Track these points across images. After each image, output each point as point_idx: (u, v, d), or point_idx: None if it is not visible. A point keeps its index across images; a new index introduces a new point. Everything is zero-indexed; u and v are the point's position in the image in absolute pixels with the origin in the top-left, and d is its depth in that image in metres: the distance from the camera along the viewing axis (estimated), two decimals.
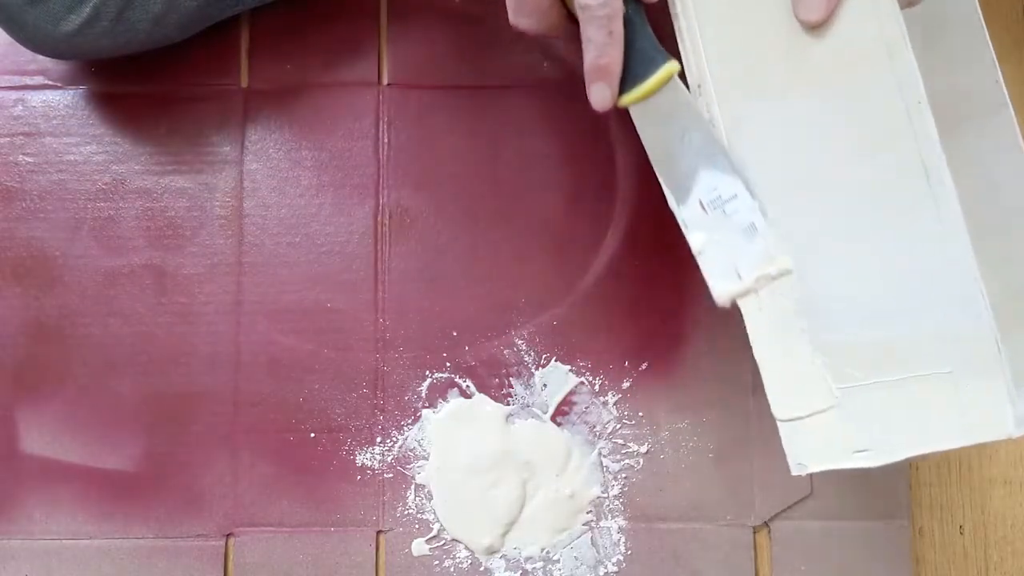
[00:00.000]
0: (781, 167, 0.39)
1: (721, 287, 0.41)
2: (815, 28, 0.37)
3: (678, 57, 0.42)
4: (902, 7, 0.36)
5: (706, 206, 0.41)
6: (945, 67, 0.41)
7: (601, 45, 0.40)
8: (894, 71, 0.35)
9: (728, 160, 0.41)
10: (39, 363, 0.54)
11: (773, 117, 0.39)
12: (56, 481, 0.53)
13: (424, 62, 0.58)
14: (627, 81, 0.41)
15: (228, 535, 0.53)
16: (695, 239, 0.42)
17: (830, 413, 0.38)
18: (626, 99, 0.42)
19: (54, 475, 0.53)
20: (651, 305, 0.56)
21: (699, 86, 0.41)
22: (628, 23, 0.40)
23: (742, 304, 0.41)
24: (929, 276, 0.35)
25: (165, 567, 0.53)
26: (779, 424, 0.39)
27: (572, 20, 0.42)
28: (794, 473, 0.39)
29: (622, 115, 0.43)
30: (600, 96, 0.41)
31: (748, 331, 0.40)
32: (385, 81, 0.58)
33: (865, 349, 0.37)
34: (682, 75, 0.41)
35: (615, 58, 0.40)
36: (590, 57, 0.40)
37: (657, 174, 0.43)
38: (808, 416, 0.38)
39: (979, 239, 0.35)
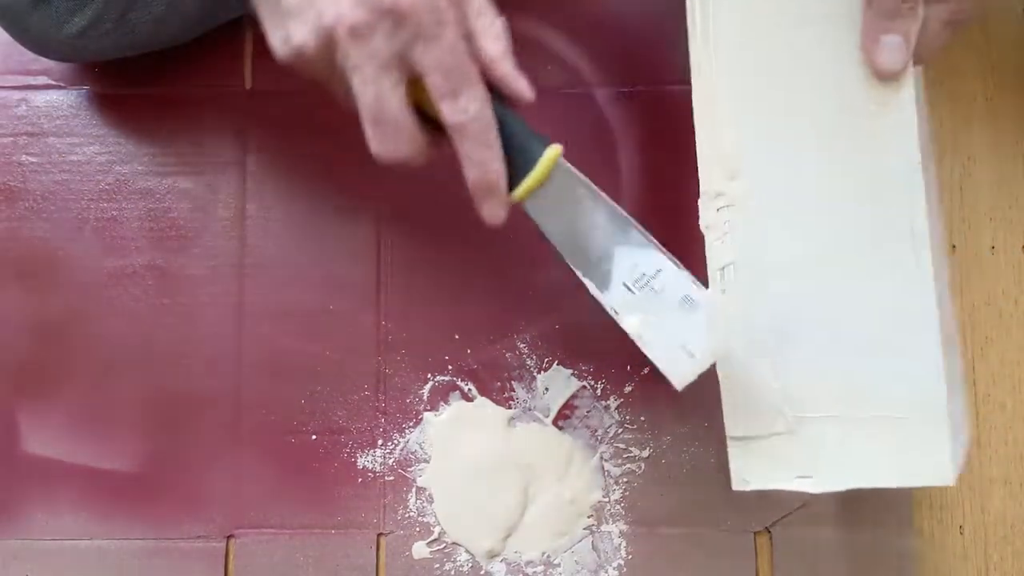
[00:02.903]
0: (773, 196, 0.39)
1: (675, 371, 0.39)
2: (890, 77, 0.37)
3: None
4: (914, 64, 0.37)
5: (632, 287, 0.39)
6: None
7: (482, 161, 0.38)
8: (901, 128, 0.37)
9: (642, 233, 0.39)
10: (41, 363, 0.54)
11: (786, 153, 0.39)
12: (58, 482, 0.53)
13: None
14: (512, 176, 0.39)
15: (229, 536, 0.53)
16: (630, 324, 0.40)
17: (781, 437, 0.39)
18: (517, 194, 0.39)
19: (56, 476, 0.53)
20: None
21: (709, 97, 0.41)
22: (498, 120, 0.38)
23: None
24: (894, 321, 0.37)
25: (166, 568, 0.53)
26: (728, 440, 0.40)
27: (436, 139, 0.40)
28: (735, 488, 0.40)
29: (623, 116, 0.43)
30: (493, 212, 0.39)
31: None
32: None
33: (824, 382, 0.38)
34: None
35: (499, 170, 0.38)
36: (474, 175, 0.38)
37: (570, 264, 0.40)
38: (759, 437, 0.40)
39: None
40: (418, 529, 0.54)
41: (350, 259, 0.56)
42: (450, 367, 0.55)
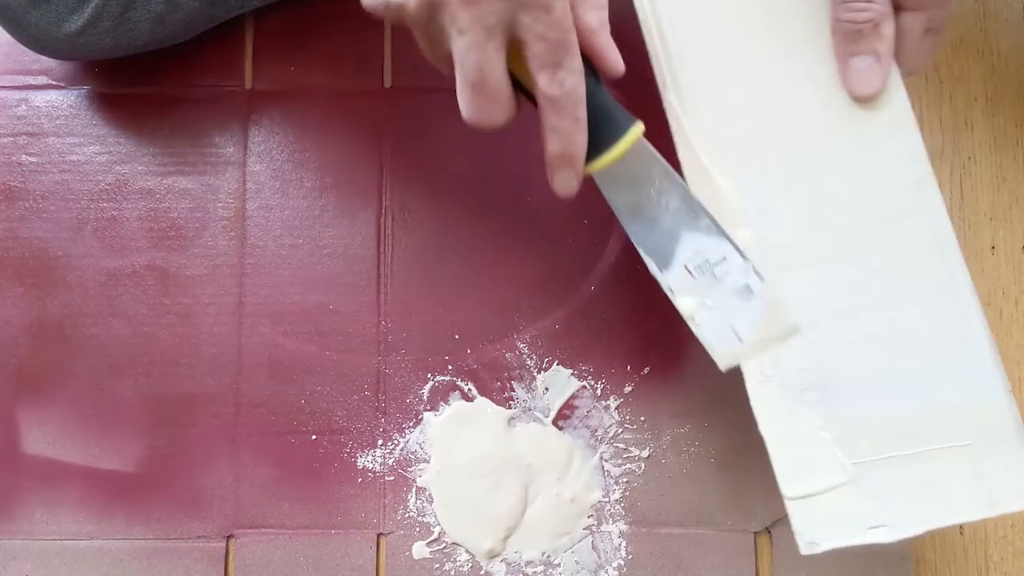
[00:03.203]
0: (784, 237, 0.38)
1: (723, 350, 0.39)
2: (868, 100, 0.35)
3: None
4: (903, 76, 0.36)
5: (692, 271, 0.39)
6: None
7: (567, 133, 0.37)
8: (902, 144, 0.35)
9: (712, 220, 0.38)
10: (41, 363, 0.54)
11: (787, 194, 0.38)
12: (58, 481, 0.53)
13: (428, 65, 0.57)
14: (592, 147, 0.38)
15: (229, 536, 0.53)
16: (684, 304, 0.39)
17: (844, 488, 0.37)
18: (595, 167, 0.39)
19: (56, 475, 0.53)
20: (653, 309, 0.55)
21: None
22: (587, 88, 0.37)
23: (746, 375, 0.39)
24: (942, 348, 0.35)
25: (166, 568, 0.53)
26: (787, 501, 0.38)
27: (519, 103, 0.39)
28: (804, 552, 0.38)
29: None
30: (566, 184, 0.38)
31: (752, 404, 0.39)
32: (389, 84, 0.58)
33: (878, 423, 0.36)
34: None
35: (582, 143, 0.37)
36: (556, 147, 0.37)
37: (633, 240, 0.40)
38: (820, 492, 0.37)
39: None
40: (418, 529, 0.54)
41: (350, 259, 0.56)
42: (450, 367, 0.55)
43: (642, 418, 0.55)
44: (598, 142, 0.38)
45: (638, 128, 0.39)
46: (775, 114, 0.37)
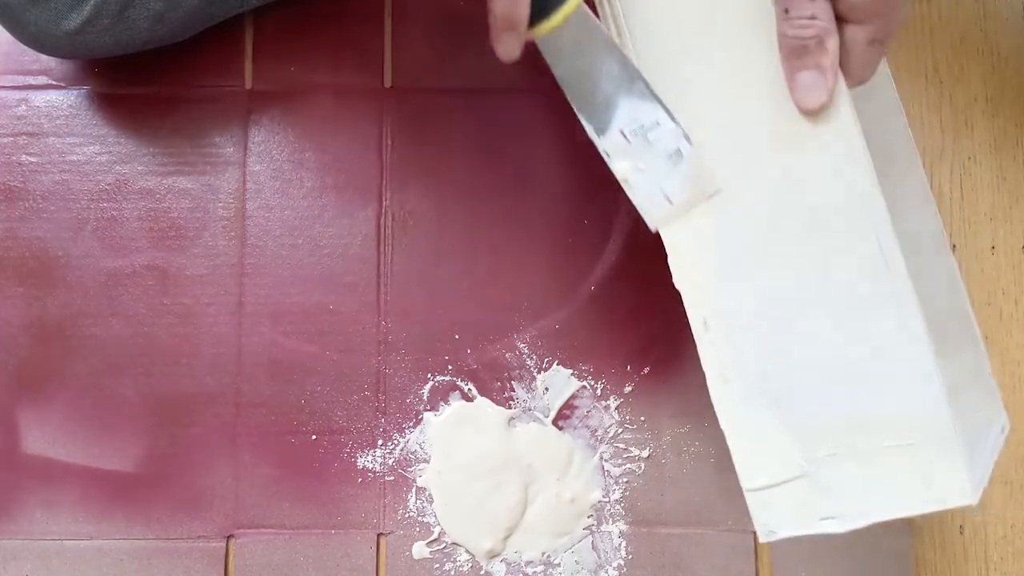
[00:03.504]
0: (740, 246, 0.39)
1: (653, 212, 0.41)
2: (815, 113, 0.36)
3: None
4: (849, 86, 0.37)
5: (628, 135, 0.40)
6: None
7: None
8: (848, 154, 0.36)
9: (647, 86, 0.39)
10: (41, 363, 0.54)
11: (729, 201, 0.39)
12: (57, 481, 0.53)
13: (428, 65, 0.58)
14: (534, 13, 0.38)
15: (229, 536, 0.53)
16: (619, 167, 0.41)
17: (797, 482, 0.39)
18: (537, 32, 0.39)
19: (55, 475, 0.53)
20: (653, 309, 0.55)
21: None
22: None
23: (708, 377, 0.41)
24: (886, 355, 0.37)
25: (166, 568, 0.53)
26: (746, 493, 0.40)
27: None
28: (763, 540, 0.40)
29: None
30: (509, 47, 0.38)
31: (713, 402, 0.40)
32: (389, 84, 0.58)
33: (828, 423, 0.38)
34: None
35: (524, 7, 0.37)
36: (501, 8, 0.37)
37: (573, 107, 0.41)
38: (776, 485, 0.39)
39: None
40: (418, 529, 0.54)
41: (350, 259, 0.56)
42: (450, 367, 0.55)
43: (642, 418, 0.55)
44: (541, 7, 0.39)
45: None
46: (724, 125, 0.39)
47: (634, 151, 0.40)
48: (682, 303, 0.41)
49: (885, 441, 0.38)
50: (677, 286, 0.41)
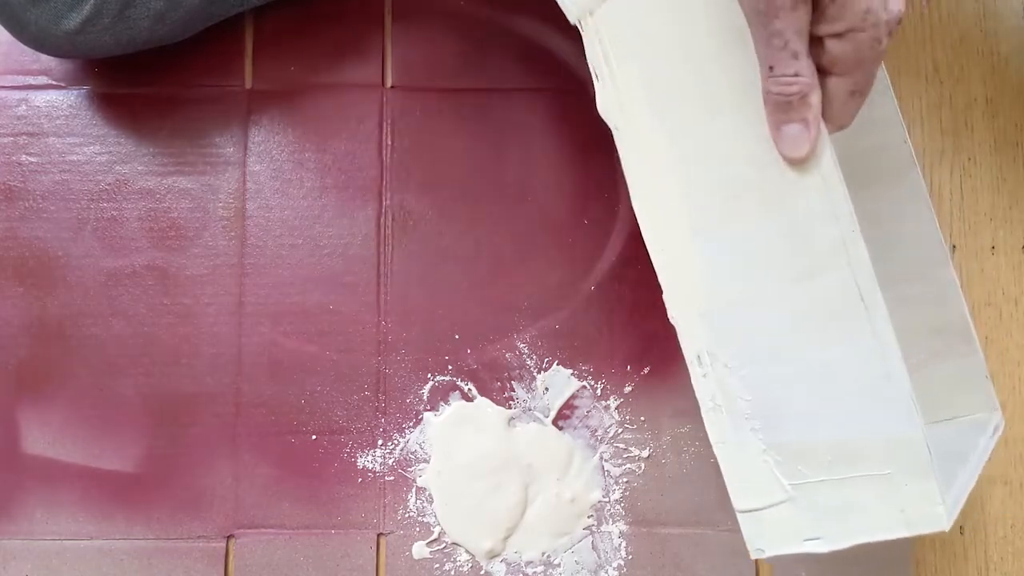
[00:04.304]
0: (729, 286, 0.41)
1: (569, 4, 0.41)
2: (799, 163, 0.38)
3: None
4: (831, 132, 0.38)
5: None
6: (859, 130, 0.43)
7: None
8: (829, 201, 0.38)
9: None
10: (41, 363, 0.54)
11: (718, 243, 0.41)
12: (58, 481, 0.53)
13: (428, 64, 0.58)
14: None
15: (229, 537, 0.53)
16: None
17: (783, 505, 0.42)
18: None
19: (56, 475, 0.53)
20: (654, 309, 0.55)
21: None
22: None
23: (700, 403, 0.42)
24: (867, 388, 0.39)
25: (166, 568, 0.53)
26: (737, 514, 0.43)
27: None
28: (753, 557, 0.43)
29: None
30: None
31: (706, 428, 0.42)
32: (389, 83, 0.58)
33: (811, 450, 0.41)
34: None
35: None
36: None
37: None
38: (764, 508, 0.42)
39: (893, 284, 0.41)
40: (418, 529, 0.54)
41: (350, 259, 0.56)
42: (450, 367, 0.55)
43: (642, 418, 0.55)
44: None
45: None
46: (711, 171, 0.40)
47: None
48: None
49: (864, 469, 0.40)
50: (672, 322, 0.43)
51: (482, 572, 0.53)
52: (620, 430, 0.55)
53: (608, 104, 0.42)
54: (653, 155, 0.41)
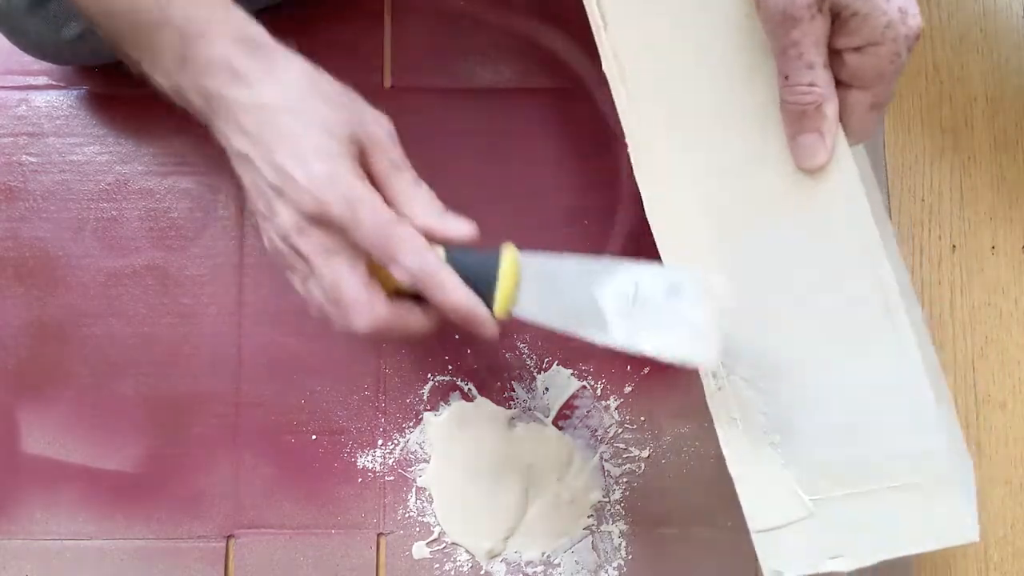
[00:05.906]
0: (747, 298, 0.40)
1: (698, 358, 0.38)
2: (816, 172, 0.38)
3: None
4: (851, 144, 0.38)
5: (622, 314, 0.38)
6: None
7: (449, 303, 0.38)
8: (851, 211, 0.38)
9: (603, 263, 0.39)
10: (41, 363, 0.54)
11: (736, 256, 0.40)
12: (58, 481, 0.53)
13: (428, 65, 0.58)
14: (485, 298, 0.39)
15: (229, 536, 0.53)
16: (644, 349, 0.38)
17: (804, 523, 0.40)
18: (498, 312, 0.39)
19: (56, 475, 0.53)
20: None
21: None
22: (451, 259, 0.39)
23: (715, 419, 0.41)
24: (891, 399, 0.38)
25: (166, 568, 0.53)
26: (753, 534, 0.41)
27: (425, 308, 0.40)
28: None
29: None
30: (487, 334, 0.39)
31: (721, 445, 0.41)
32: (388, 84, 0.58)
33: (833, 464, 0.39)
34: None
35: (468, 303, 0.38)
36: (452, 316, 0.39)
37: (577, 335, 0.40)
38: (783, 526, 0.40)
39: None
40: (418, 529, 0.54)
41: None
42: (450, 367, 0.55)
43: (642, 418, 0.55)
44: (486, 293, 0.39)
45: (510, 253, 0.39)
46: (733, 181, 0.40)
47: (639, 322, 0.38)
48: None
49: (889, 481, 0.39)
50: None
51: (482, 572, 0.53)
52: (620, 430, 0.55)
53: (627, 120, 0.41)
54: (670, 170, 0.40)
